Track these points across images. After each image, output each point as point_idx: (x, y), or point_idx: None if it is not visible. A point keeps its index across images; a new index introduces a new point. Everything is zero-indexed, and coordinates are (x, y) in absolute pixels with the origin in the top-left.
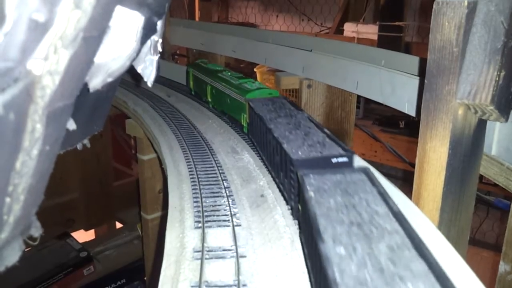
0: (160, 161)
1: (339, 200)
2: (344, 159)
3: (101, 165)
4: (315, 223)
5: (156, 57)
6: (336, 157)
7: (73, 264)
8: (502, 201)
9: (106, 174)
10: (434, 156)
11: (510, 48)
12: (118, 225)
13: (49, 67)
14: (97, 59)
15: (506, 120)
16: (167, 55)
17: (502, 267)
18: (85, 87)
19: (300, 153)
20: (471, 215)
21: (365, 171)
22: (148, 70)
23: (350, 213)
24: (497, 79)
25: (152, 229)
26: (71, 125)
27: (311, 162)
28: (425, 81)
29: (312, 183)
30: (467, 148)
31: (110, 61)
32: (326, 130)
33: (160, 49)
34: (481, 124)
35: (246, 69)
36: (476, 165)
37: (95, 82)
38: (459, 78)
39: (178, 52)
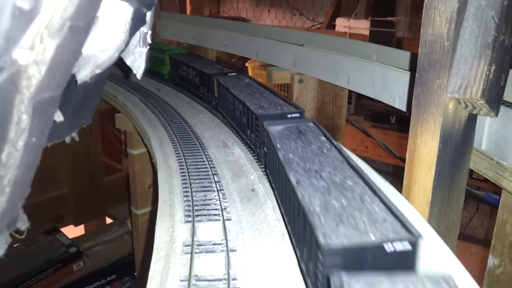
0: (150, 156)
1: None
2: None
3: (91, 160)
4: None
5: (145, 49)
6: (231, 73)
7: (62, 259)
8: (492, 196)
9: (96, 169)
10: (424, 150)
11: (501, 42)
12: (109, 220)
13: (35, 56)
14: (85, 50)
15: (496, 114)
16: None
17: (491, 261)
18: (73, 78)
19: (209, 72)
20: (461, 209)
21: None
22: (137, 62)
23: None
24: (487, 73)
25: (142, 224)
26: (58, 117)
27: (219, 75)
28: (416, 75)
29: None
30: (458, 142)
31: (98, 52)
32: (223, 64)
33: (149, 41)
34: (472, 119)
35: (238, 64)
36: (466, 159)
37: (83, 73)
38: (450, 72)
39: None
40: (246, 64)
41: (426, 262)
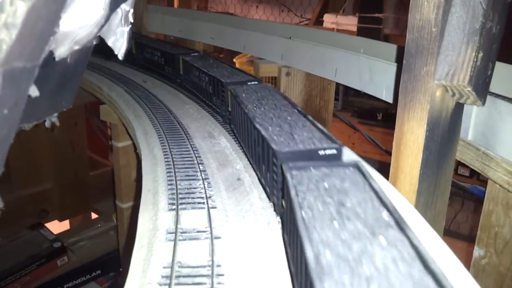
0: (135, 147)
1: None
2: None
3: (76, 155)
4: None
5: (127, 28)
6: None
7: (46, 254)
8: (477, 188)
9: (81, 163)
10: (411, 138)
11: (488, 29)
12: (94, 215)
13: (5, 19)
14: (63, 26)
15: (483, 103)
16: None
17: (477, 252)
18: (51, 56)
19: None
20: (447, 199)
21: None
22: (119, 43)
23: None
24: (475, 59)
25: (128, 218)
26: (34, 91)
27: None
28: (404, 61)
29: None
30: (444, 131)
31: (76, 29)
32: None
33: (131, 19)
34: (459, 108)
35: (226, 59)
36: (452, 149)
37: (61, 50)
38: (438, 58)
39: None
40: (234, 60)
41: None
